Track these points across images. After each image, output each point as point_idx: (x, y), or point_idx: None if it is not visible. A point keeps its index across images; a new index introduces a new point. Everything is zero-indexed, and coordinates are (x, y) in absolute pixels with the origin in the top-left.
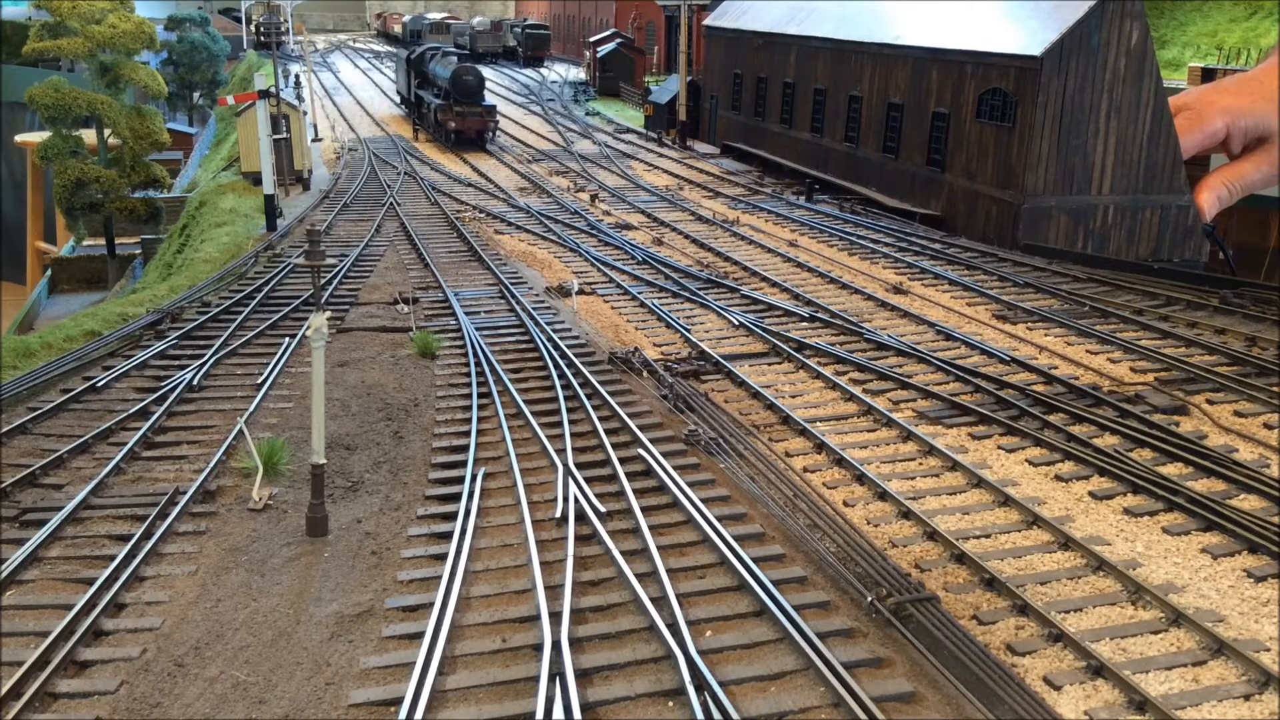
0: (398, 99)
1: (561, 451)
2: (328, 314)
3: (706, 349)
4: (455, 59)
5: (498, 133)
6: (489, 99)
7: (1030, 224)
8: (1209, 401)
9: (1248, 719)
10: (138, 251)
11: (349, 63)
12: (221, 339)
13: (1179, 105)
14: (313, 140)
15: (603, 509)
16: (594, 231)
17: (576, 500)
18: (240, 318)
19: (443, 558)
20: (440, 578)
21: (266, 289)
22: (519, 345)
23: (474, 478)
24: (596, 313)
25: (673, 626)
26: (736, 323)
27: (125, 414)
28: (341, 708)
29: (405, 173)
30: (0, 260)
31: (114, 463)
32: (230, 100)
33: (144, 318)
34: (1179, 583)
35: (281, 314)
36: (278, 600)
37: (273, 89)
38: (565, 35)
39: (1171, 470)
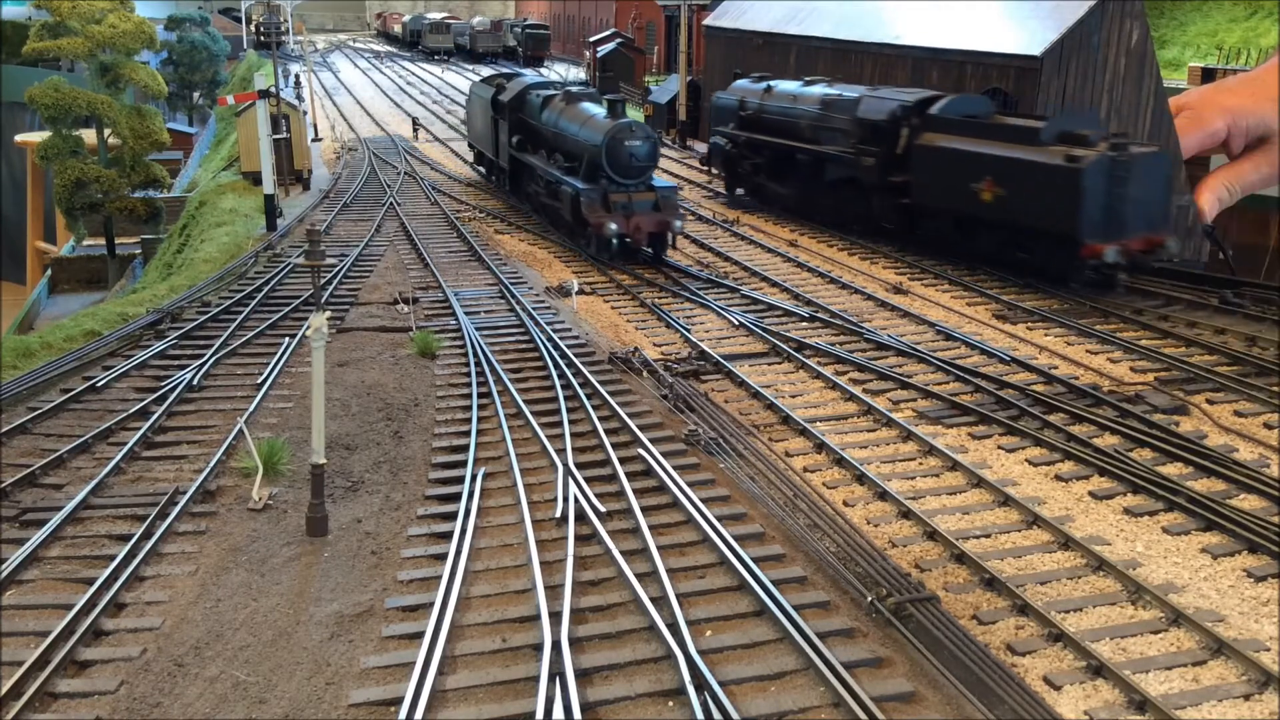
0: (469, 154)
1: (561, 451)
2: (328, 314)
3: (706, 349)
4: (600, 110)
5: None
6: None
7: None
8: (1209, 401)
9: (1248, 719)
10: (138, 251)
11: (349, 63)
12: (221, 339)
13: (1180, 105)
14: (313, 140)
15: (603, 509)
16: None
17: (576, 500)
18: (240, 318)
19: (443, 558)
20: (440, 578)
21: (266, 289)
22: (519, 345)
23: (474, 477)
24: (596, 313)
25: (673, 626)
26: (736, 323)
27: (125, 414)
28: (341, 708)
29: (405, 173)
30: (0, 260)
31: (114, 463)
32: (230, 100)
33: (144, 318)
34: (1179, 583)
35: (281, 314)
36: (278, 600)
37: (273, 89)
38: (565, 35)
39: (1171, 470)
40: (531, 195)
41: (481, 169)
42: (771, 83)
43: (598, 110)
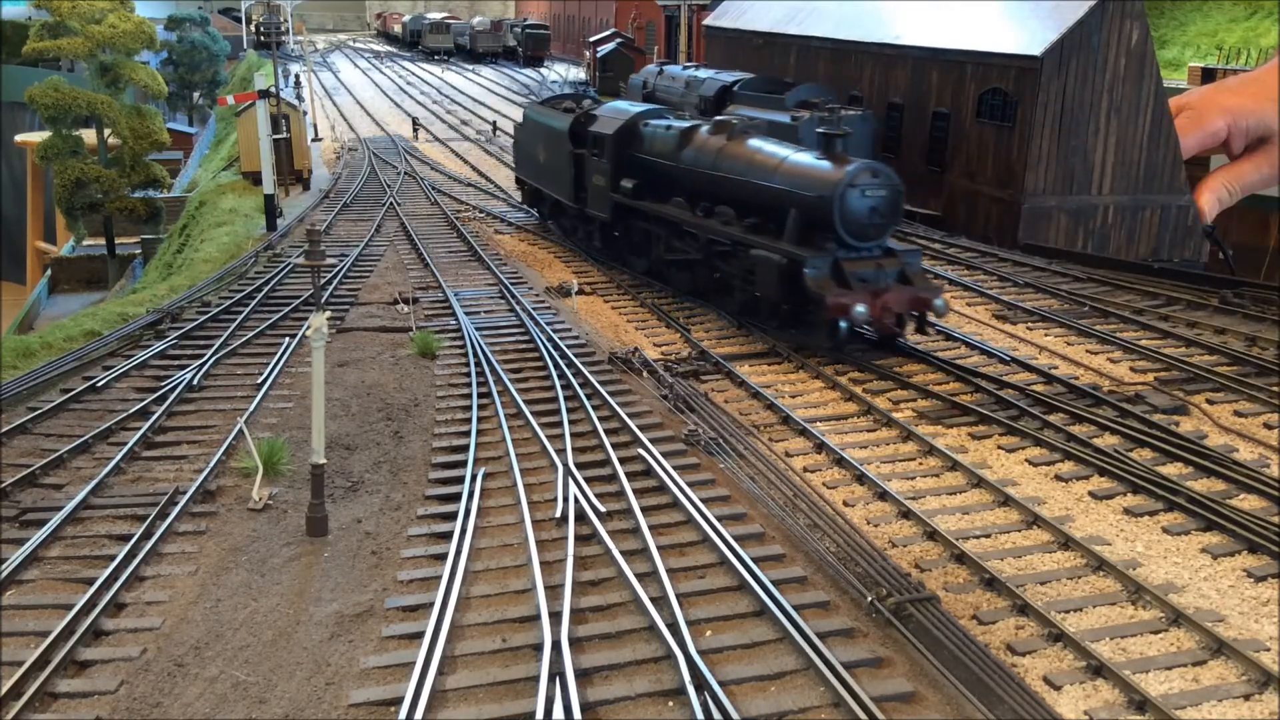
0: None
1: (561, 451)
2: (328, 314)
3: (706, 349)
4: (795, 149)
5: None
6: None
7: (1030, 224)
8: (1209, 401)
9: (1248, 719)
10: (138, 251)
11: (349, 63)
12: (221, 339)
13: (1180, 105)
14: (313, 140)
15: (603, 509)
16: None
17: (576, 500)
18: (240, 318)
19: (443, 558)
20: (440, 578)
21: (266, 289)
22: (519, 345)
23: (474, 478)
24: (596, 313)
25: (673, 626)
26: (737, 323)
27: (125, 414)
28: (341, 708)
29: (405, 172)
30: (0, 260)
31: (114, 463)
32: (230, 100)
33: (144, 318)
34: (1179, 583)
35: (281, 314)
36: (278, 600)
37: (273, 89)
38: (565, 35)
39: (1171, 470)
40: (661, 256)
41: (535, 212)
42: (665, 66)
43: (792, 148)
